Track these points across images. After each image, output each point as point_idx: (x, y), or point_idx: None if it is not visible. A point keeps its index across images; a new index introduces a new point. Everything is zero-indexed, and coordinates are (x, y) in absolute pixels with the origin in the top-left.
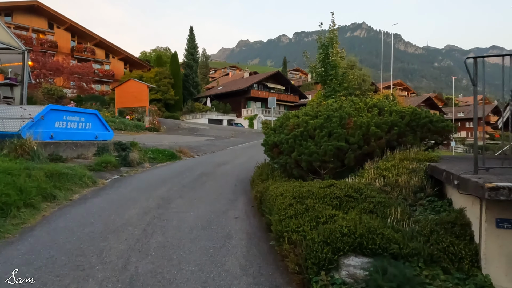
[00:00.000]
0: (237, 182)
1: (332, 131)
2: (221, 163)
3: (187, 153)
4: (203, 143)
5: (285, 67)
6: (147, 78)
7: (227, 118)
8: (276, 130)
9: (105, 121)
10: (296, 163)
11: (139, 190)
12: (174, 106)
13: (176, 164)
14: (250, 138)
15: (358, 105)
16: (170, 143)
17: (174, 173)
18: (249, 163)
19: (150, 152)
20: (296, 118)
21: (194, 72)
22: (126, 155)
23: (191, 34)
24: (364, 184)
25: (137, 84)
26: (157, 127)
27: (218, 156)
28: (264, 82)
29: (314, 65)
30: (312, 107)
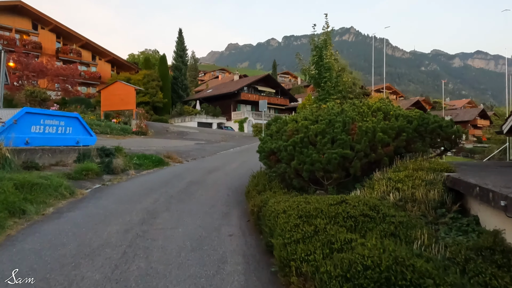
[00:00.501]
0: (230, 191)
1: (335, 138)
2: (212, 169)
3: (175, 159)
4: (193, 147)
5: (274, 70)
6: (135, 80)
7: (217, 122)
8: (273, 136)
9: (87, 125)
10: (296, 173)
11: (121, 201)
12: (162, 109)
13: (164, 171)
14: (241, 142)
15: (361, 109)
16: (158, 148)
17: (161, 182)
18: (241, 169)
19: (136, 158)
20: (294, 123)
21: (183, 75)
22: (109, 162)
23: (180, 36)
24: (379, 200)
25: (124, 86)
26: (144, 131)
27: (208, 162)
28: (254, 85)
29: (307, 68)
30: (311, 111)
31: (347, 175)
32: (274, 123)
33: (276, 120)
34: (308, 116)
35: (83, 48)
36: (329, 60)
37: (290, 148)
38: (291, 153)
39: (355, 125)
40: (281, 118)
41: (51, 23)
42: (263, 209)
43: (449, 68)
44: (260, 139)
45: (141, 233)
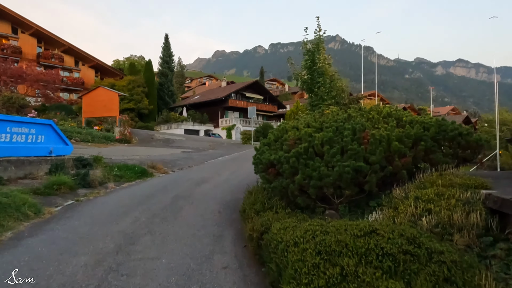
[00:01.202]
0: (221, 207)
1: (345, 147)
2: (200, 181)
3: (160, 169)
4: (179, 156)
5: (262, 77)
6: (120, 86)
7: (204, 128)
8: (271, 145)
9: (62, 133)
10: (300, 189)
11: (96, 222)
12: (148, 116)
13: (147, 183)
14: (230, 149)
15: (370, 115)
16: (142, 157)
17: (143, 196)
18: (232, 180)
19: (116, 169)
20: (295, 130)
21: (169, 81)
22: (85, 174)
23: (166, 41)
24: (414, 228)
25: (107, 92)
26: (128, 139)
27: (196, 172)
28: (242, 92)
29: (299, 72)
30: (313, 117)
31: (360, 191)
32: (272, 131)
33: (265, 127)
34: (311, 122)
35: (65, 53)
36: (322, 64)
37: (293, 160)
38: (294, 165)
39: (367, 133)
40: (283, 126)
41: (31, 27)
42: (265, 236)
43: (432, 76)
44: (256, 149)
45: (115, 266)
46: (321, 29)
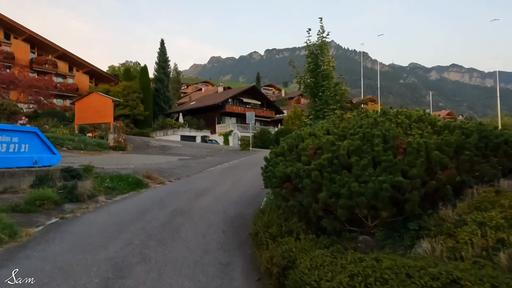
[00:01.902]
0: (226, 225)
1: (377, 159)
2: (200, 192)
3: (156, 179)
4: (176, 164)
5: (258, 83)
6: (114, 92)
7: (201, 135)
8: (285, 155)
9: (49, 142)
10: (325, 209)
11: (80, 247)
12: (144, 122)
13: (142, 195)
14: (229, 156)
15: (399, 119)
16: (137, 166)
17: (137, 211)
18: (235, 191)
19: (108, 180)
20: (314, 138)
21: (165, 87)
22: (73, 187)
23: (162, 47)
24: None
25: (101, 97)
26: (123, 146)
27: (195, 182)
28: (239, 97)
29: (302, 76)
30: (333, 122)
31: (398, 211)
32: (284, 139)
33: (263, 133)
34: (331, 129)
35: (59, 59)
36: (327, 67)
37: (316, 174)
38: (317, 180)
39: (402, 141)
40: (298, 132)
41: (24, 32)
42: (292, 275)
43: (426, 81)
44: (267, 159)
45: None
46: (324, 30)
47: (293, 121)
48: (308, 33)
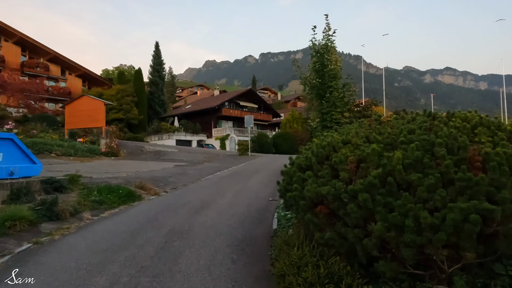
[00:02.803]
0: (234, 251)
1: (448, 176)
2: (200, 206)
3: (150, 190)
4: (172, 171)
5: (254, 86)
6: (108, 96)
7: (197, 139)
8: (314, 169)
9: (28, 150)
10: (382, 246)
11: (52, 286)
12: (138, 126)
13: (134, 210)
14: (227, 162)
15: (453, 122)
16: (129, 174)
17: (127, 233)
18: (239, 205)
19: (96, 192)
20: (350, 147)
21: (160, 90)
22: (52, 202)
23: (156, 49)
24: None
25: (92, 101)
26: (115, 151)
27: (193, 193)
28: (236, 100)
29: (307, 76)
30: (369, 127)
31: (483, 251)
32: (308, 147)
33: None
34: (372, 135)
35: (51, 62)
36: (334, 66)
37: (365, 197)
38: (366, 205)
39: (475, 152)
40: (328, 140)
41: (15, 35)
42: None
43: (420, 84)
44: (287, 173)
45: None
46: (330, 28)
47: (290, 124)
48: (314, 30)
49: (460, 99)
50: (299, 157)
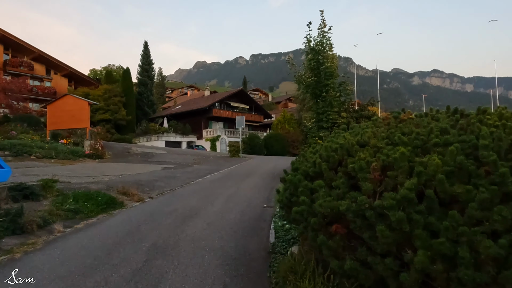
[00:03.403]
0: (228, 273)
1: (504, 188)
2: (187, 214)
3: (134, 195)
4: (159, 174)
5: (245, 87)
6: (95, 96)
7: (187, 140)
8: (325, 178)
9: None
10: (425, 282)
11: None
12: (126, 128)
13: (113, 220)
14: (218, 164)
15: (491, 120)
16: (112, 178)
17: (102, 249)
18: (231, 213)
19: (71, 200)
20: (369, 150)
21: (149, 90)
22: (17, 213)
23: (145, 49)
24: None
25: (76, 100)
26: (100, 153)
27: (180, 199)
28: (226, 101)
29: (302, 74)
30: (392, 127)
31: None
32: (315, 149)
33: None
34: (398, 136)
35: (36, 61)
36: (330, 64)
37: (400, 217)
38: (401, 227)
39: None
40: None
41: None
42: None
43: (409, 86)
44: (291, 181)
45: None
46: (326, 24)
47: (282, 125)
48: (309, 27)
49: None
50: (302, 161)
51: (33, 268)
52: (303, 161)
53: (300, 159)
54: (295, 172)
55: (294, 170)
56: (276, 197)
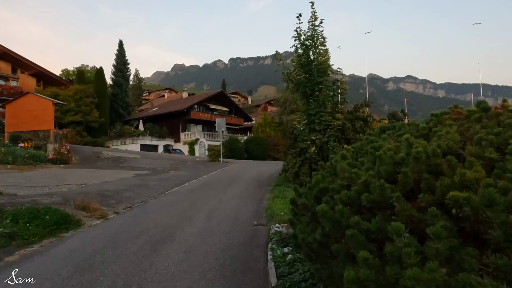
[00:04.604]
0: None
1: None
2: (160, 237)
3: (95, 210)
4: (130, 182)
5: (224, 90)
6: (64, 96)
7: (164, 144)
8: (398, 210)
9: None
10: None
11: None
12: (99, 130)
13: (61, 249)
14: (197, 170)
15: None
16: (73, 187)
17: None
18: (215, 233)
19: (9, 220)
20: (476, 163)
21: (124, 91)
22: None
23: (120, 48)
24: None
25: (38, 99)
26: (65, 158)
27: (152, 214)
28: (205, 103)
29: (291, 71)
30: (489, 126)
31: None
32: (352, 164)
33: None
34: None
35: (0, 59)
36: (324, 59)
37: None
38: None
39: None
40: (397, 144)
41: None
42: None
43: (384, 91)
44: (325, 213)
45: None
46: (317, 17)
47: (263, 128)
48: (299, 19)
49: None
50: (326, 176)
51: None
52: (327, 175)
53: (324, 173)
54: (320, 193)
55: (321, 191)
56: (267, 211)
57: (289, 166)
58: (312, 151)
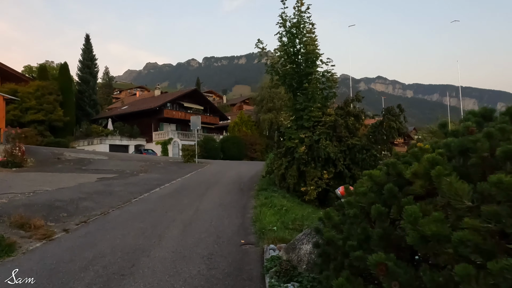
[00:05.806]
0: None
1: None
2: (118, 268)
3: (38, 228)
4: (90, 188)
5: (198, 88)
6: (24, 93)
7: (135, 144)
8: None
9: None
10: None
11: None
12: (63, 130)
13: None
14: (170, 172)
15: None
16: (16, 197)
17: None
18: (192, 258)
19: None
20: None
21: (91, 88)
22: None
23: (87, 43)
24: None
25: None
26: (19, 161)
27: (112, 231)
28: (179, 101)
29: (276, 61)
30: None
31: None
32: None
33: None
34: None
35: None
36: (312, 47)
37: None
38: None
39: None
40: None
41: None
42: None
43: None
44: None
45: None
46: (303, 3)
47: (239, 127)
48: (283, 3)
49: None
50: None
51: None
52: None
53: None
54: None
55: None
56: (255, 224)
57: (274, 168)
58: (301, 151)
